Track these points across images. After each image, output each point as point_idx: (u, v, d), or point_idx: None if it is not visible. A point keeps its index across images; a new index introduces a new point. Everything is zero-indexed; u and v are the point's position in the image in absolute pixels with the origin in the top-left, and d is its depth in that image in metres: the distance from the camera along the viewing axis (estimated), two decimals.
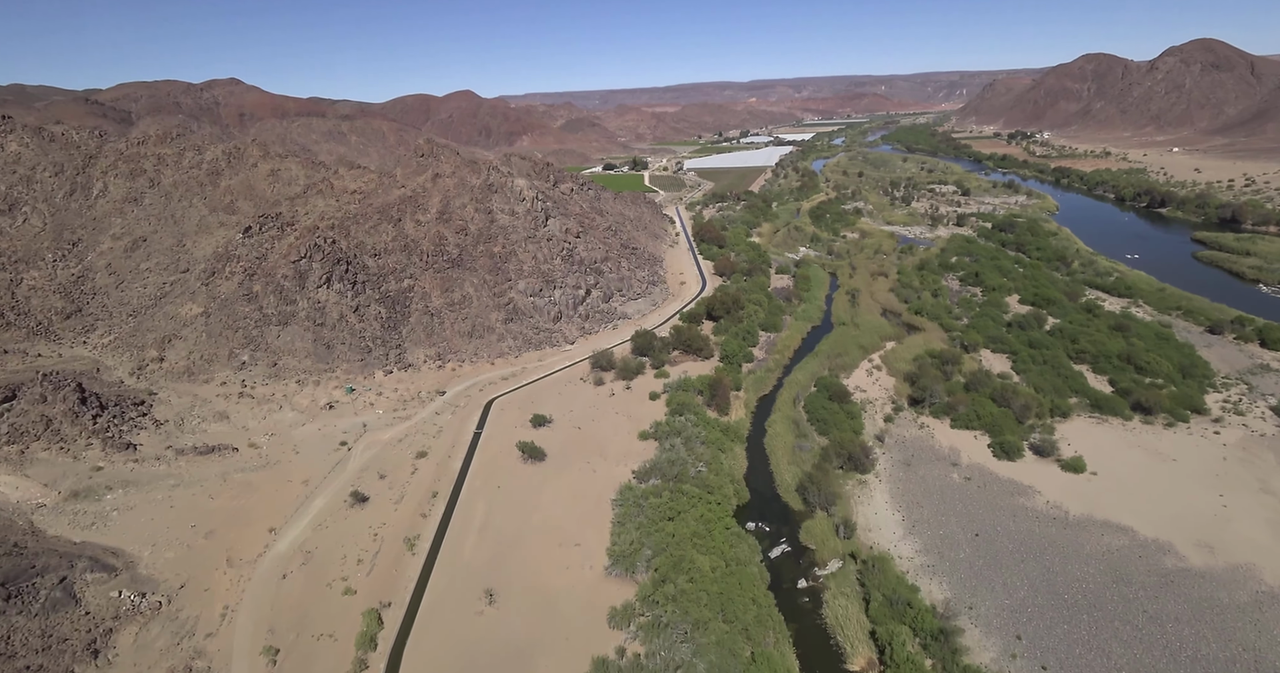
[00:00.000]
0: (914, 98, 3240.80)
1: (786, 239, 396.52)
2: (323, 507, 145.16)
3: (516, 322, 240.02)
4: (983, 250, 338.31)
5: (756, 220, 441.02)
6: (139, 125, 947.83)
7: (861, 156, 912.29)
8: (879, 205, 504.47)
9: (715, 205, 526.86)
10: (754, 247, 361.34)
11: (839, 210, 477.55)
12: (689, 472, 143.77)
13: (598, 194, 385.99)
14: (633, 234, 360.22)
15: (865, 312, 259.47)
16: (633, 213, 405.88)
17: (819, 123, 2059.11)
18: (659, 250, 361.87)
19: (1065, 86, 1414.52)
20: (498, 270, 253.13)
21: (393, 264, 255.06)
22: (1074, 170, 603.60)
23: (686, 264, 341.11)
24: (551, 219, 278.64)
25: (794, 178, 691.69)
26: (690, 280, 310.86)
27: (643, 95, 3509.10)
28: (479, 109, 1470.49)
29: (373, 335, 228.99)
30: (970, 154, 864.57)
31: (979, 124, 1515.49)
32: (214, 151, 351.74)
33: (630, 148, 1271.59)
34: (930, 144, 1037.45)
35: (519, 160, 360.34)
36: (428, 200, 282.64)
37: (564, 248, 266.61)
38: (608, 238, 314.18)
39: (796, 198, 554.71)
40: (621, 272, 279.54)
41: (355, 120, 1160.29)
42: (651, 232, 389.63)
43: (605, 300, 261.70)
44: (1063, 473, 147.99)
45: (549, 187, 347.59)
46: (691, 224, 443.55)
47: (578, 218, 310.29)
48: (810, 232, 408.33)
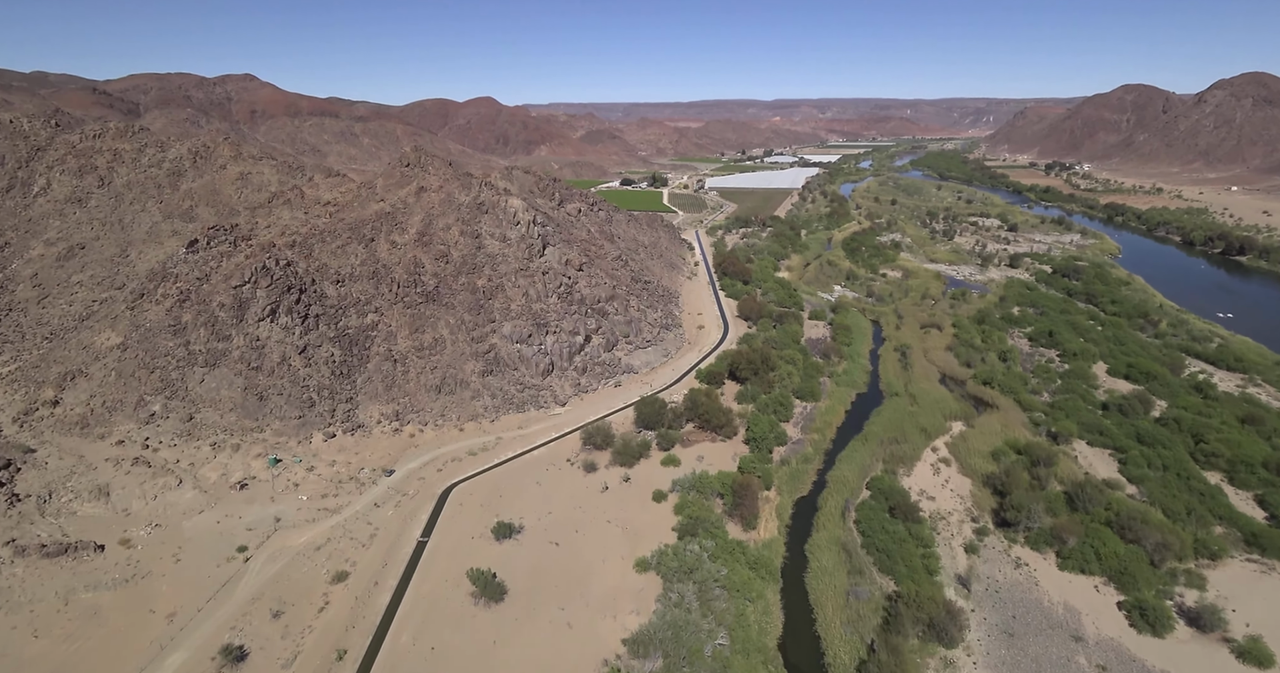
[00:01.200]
0: (940, 123, 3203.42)
1: (819, 275, 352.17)
2: (180, 666, 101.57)
3: (497, 374, 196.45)
4: (1048, 300, 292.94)
5: (784, 251, 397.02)
6: (145, 117, 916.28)
7: (892, 182, 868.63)
8: (918, 239, 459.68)
9: (738, 230, 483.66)
10: (783, 284, 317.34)
11: (875, 243, 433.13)
12: (703, 647, 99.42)
13: (609, 215, 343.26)
14: (646, 264, 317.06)
15: (921, 377, 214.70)
16: (648, 238, 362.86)
17: (844, 144, 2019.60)
18: (675, 283, 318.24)
19: (1103, 117, 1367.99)
20: (480, 308, 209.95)
21: (357, 293, 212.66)
22: (1128, 207, 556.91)
23: (706, 302, 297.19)
24: (550, 247, 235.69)
25: (823, 203, 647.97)
26: (710, 324, 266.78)
27: (666, 109, 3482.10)
28: (498, 116, 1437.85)
29: (319, 384, 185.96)
30: (1008, 185, 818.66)
31: (1011, 153, 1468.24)
32: (178, 149, 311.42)
33: (650, 162, 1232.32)
34: (964, 172, 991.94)
35: (521, 174, 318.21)
36: (407, 218, 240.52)
37: (562, 283, 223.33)
38: (616, 269, 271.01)
39: (827, 226, 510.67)
40: (630, 313, 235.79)
41: (369, 122, 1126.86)
42: (668, 260, 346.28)
43: (608, 349, 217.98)
44: (1241, 667, 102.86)
45: (553, 206, 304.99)
46: (713, 252, 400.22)
47: (582, 245, 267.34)
48: (845, 267, 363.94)
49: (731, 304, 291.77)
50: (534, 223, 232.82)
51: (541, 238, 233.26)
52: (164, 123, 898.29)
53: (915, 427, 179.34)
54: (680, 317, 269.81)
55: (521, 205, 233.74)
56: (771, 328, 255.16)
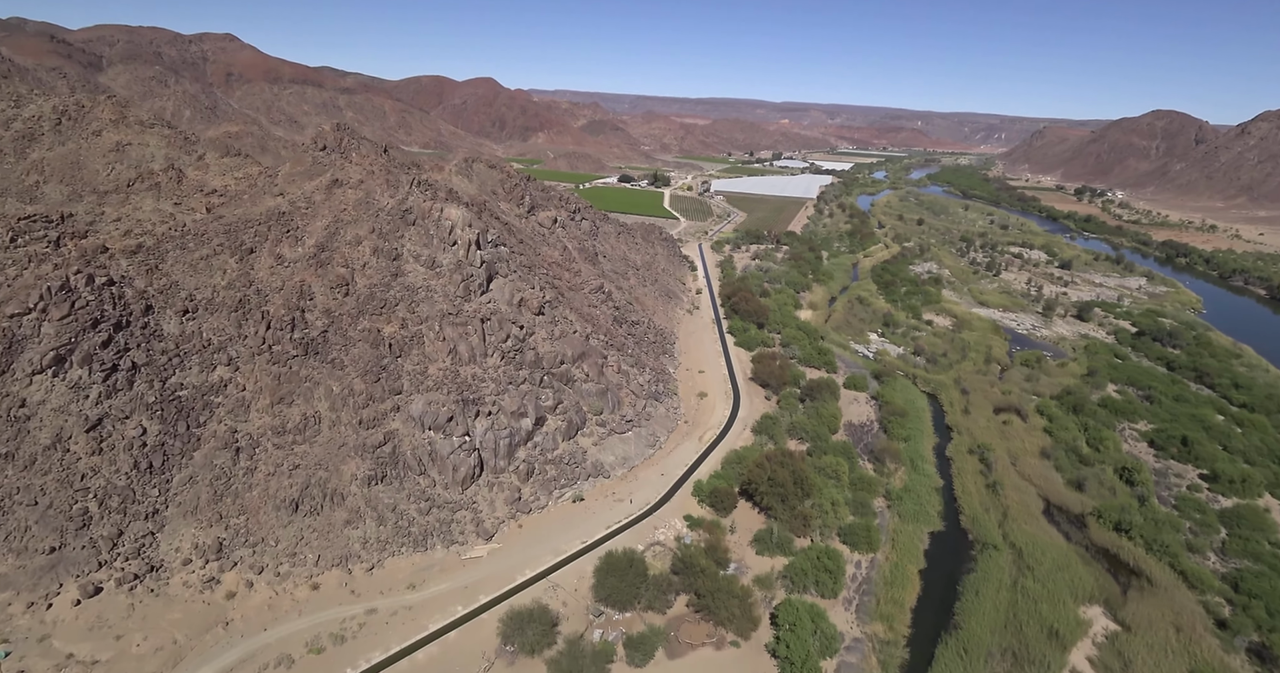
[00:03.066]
0: (951, 137, 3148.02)
1: (849, 318, 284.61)
2: None
3: (391, 482, 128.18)
4: (1150, 378, 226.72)
5: (804, 279, 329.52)
6: (108, 72, 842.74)
7: (914, 198, 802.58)
8: (959, 273, 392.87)
9: (749, 247, 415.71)
10: (807, 330, 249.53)
11: (909, 275, 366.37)
12: None
13: (594, 227, 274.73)
14: (636, 293, 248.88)
15: (1018, 508, 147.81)
16: (642, 256, 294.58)
17: (854, 152, 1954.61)
18: (671, 320, 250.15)
19: (1131, 143, 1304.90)
20: (381, 371, 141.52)
21: (209, 332, 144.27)
22: (1191, 248, 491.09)
23: (710, 352, 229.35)
24: (500, 279, 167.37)
25: (842, 218, 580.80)
26: (715, 389, 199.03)
27: (673, 105, 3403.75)
28: (495, 98, 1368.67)
29: (107, 486, 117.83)
30: (1040, 209, 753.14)
31: (1033, 173, 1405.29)
32: (39, 106, 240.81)
33: (653, 158, 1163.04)
34: (988, 191, 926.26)
35: (484, 169, 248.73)
36: (307, 223, 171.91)
37: (510, 336, 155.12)
38: (594, 306, 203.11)
39: (850, 248, 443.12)
40: (606, 377, 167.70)
41: (355, 95, 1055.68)
42: (664, 286, 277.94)
43: (569, 436, 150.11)
44: None
45: (521, 213, 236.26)
46: (719, 276, 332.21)
47: (550, 272, 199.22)
48: (881, 309, 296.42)
49: (743, 358, 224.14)
50: (477, 244, 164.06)
51: (487, 266, 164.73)
52: (127, 79, 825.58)
53: (1037, 624, 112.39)
54: (675, 376, 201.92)
55: (462, 218, 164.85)
56: (799, 404, 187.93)
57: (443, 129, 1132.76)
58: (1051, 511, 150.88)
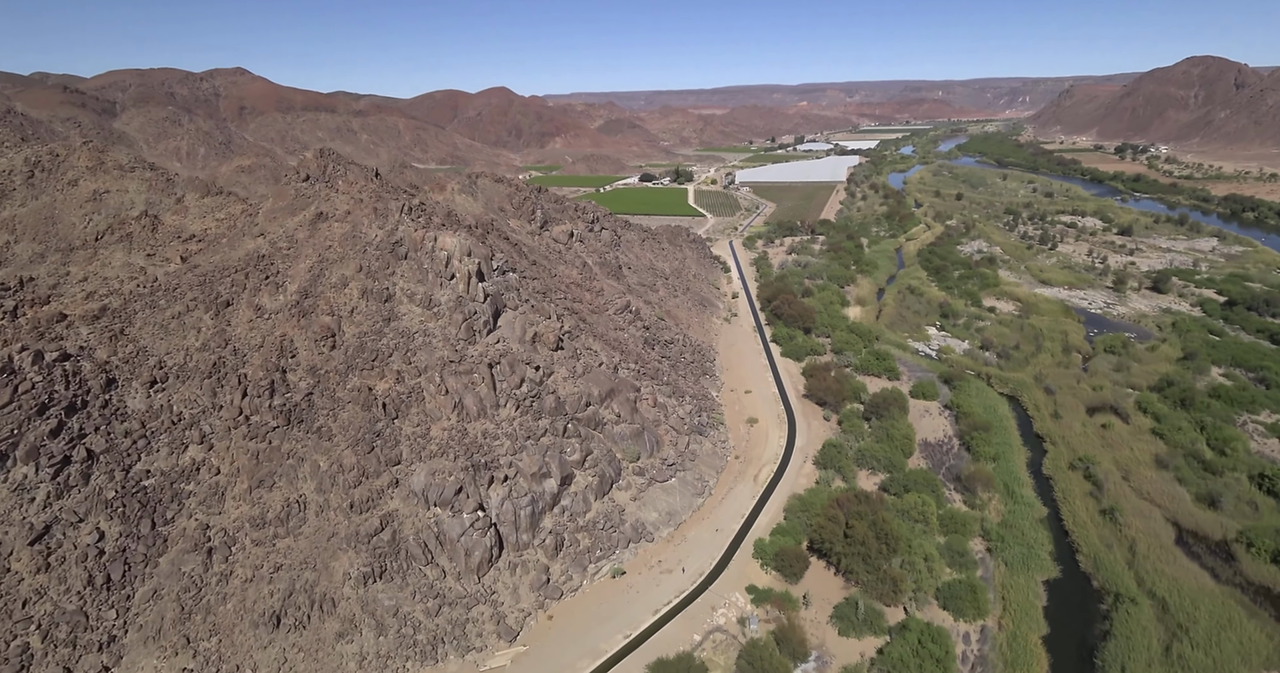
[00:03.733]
0: (974, 104, 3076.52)
1: (902, 311, 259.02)
2: None
3: (390, 579, 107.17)
4: (1259, 356, 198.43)
5: (847, 271, 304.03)
6: (122, 117, 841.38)
7: (947, 171, 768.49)
8: (1012, 249, 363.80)
9: (782, 240, 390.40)
10: (859, 331, 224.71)
11: (959, 257, 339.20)
12: None
13: (616, 237, 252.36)
14: (668, 306, 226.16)
15: (1145, 540, 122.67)
16: (671, 263, 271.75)
17: (877, 129, 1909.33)
18: (708, 334, 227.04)
19: (1168, 94, 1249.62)
20: (375, 438, 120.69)
21: (180, 404, 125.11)
22: (1260, 201, 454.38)
23: (754, 365, 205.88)
24: (509, 312, 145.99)
25: (876, 200, 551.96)
26: (765, 412, 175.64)
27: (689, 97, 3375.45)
28: (510, 107, 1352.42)
29: (54, 612, 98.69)
30: (1082, 172, 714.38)
31: (1066, 134, 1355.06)
32: (12, 158, 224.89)
33: (673, 153, 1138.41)
34: (1023, 157, 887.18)
35: (490, 184, 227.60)
36: (290, 265, 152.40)
37: (524, 380, 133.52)
38: (621, 329, 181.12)
39: (890, 232, 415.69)
40: (640, 415, 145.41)
41: (368, 116, 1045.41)
42: (697, 295, 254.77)
43: (602, 493, 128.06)
44: None
45: (533, 230, 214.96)
46: (755, 276, 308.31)
47: (568, 295, 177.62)
48: (936, 298, 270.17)
49: (792, 370, 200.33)
50: (478, 275, 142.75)
51: (492, 299, 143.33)
52: (141, 122, 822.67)
53: None
54: (719, 400, 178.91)
55: (458, 246, 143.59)
56: (864, 424, 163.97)
57: (458, 143, 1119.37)
58: (1185, 538, 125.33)
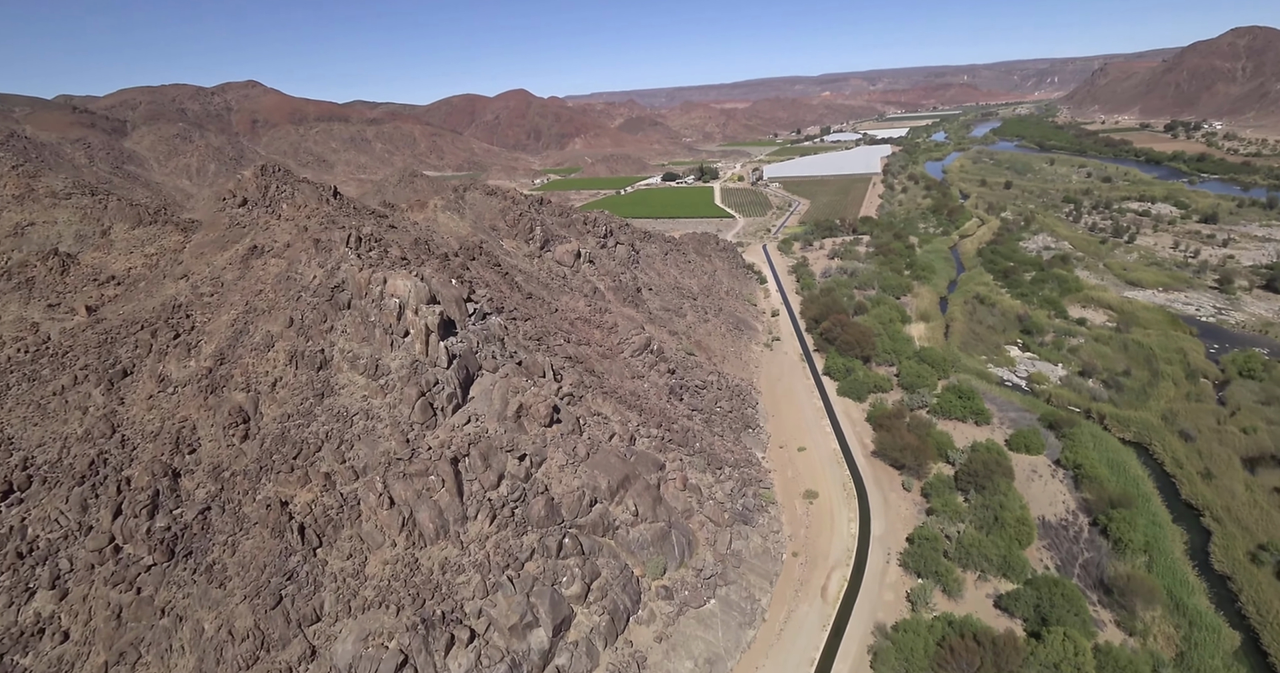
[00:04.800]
0: (1001, 87, 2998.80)
1: (976, 328, 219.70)
2: None
3: None
4: None
5: (901, 279, 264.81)
6: (132, 136, 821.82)
7: (987, 158, 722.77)
8: (1083, 244, 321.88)
9: (821, 243, 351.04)
10: (930, 359, 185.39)
11: (1027, 256, 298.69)
12: None
13: (633, 252, 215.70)
14: (697, 335, 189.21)
15: None
16: (697, 279, 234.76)
17: (904, 116, 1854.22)
18: (746, 365, 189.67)
19: (1213, 66, 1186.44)
20: (286, 582, 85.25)
21: (36, 526, 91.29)
22: None
23: (805, 408, 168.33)
24: (484, 378, 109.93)
25: (917, 192, 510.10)
26: (824, 479, 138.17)
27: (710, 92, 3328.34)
28: (528, 109, 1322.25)
29: None
30: (1136, 153, 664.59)
31: (1105, 113, 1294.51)
32: None
33: (696, 150, 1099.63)
34: (1066, 140, 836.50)
35: (480, 198, 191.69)
36: (210, 318, 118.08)
37: (504, 475, 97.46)
38: (640, 376, 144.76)
39: (940, 227, 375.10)
40: (665, 506, 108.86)
41: (383, 125, 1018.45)
42: (731, 316, 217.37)
43: (613, 635, 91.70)
44: None
45: (531, 252, 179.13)
46: (796, 289, 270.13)
47: (572, 337, 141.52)
48: (1011, 308, 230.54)
49: (853, 414, 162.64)
50: (440, 329, 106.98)
51: (462, 362, 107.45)
52: (152, 140, 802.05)
53: None
54: (766, 463, 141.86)
55: (413, 292, 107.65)
56: (957, 498, 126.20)
57: (476, 148, 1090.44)
58: None
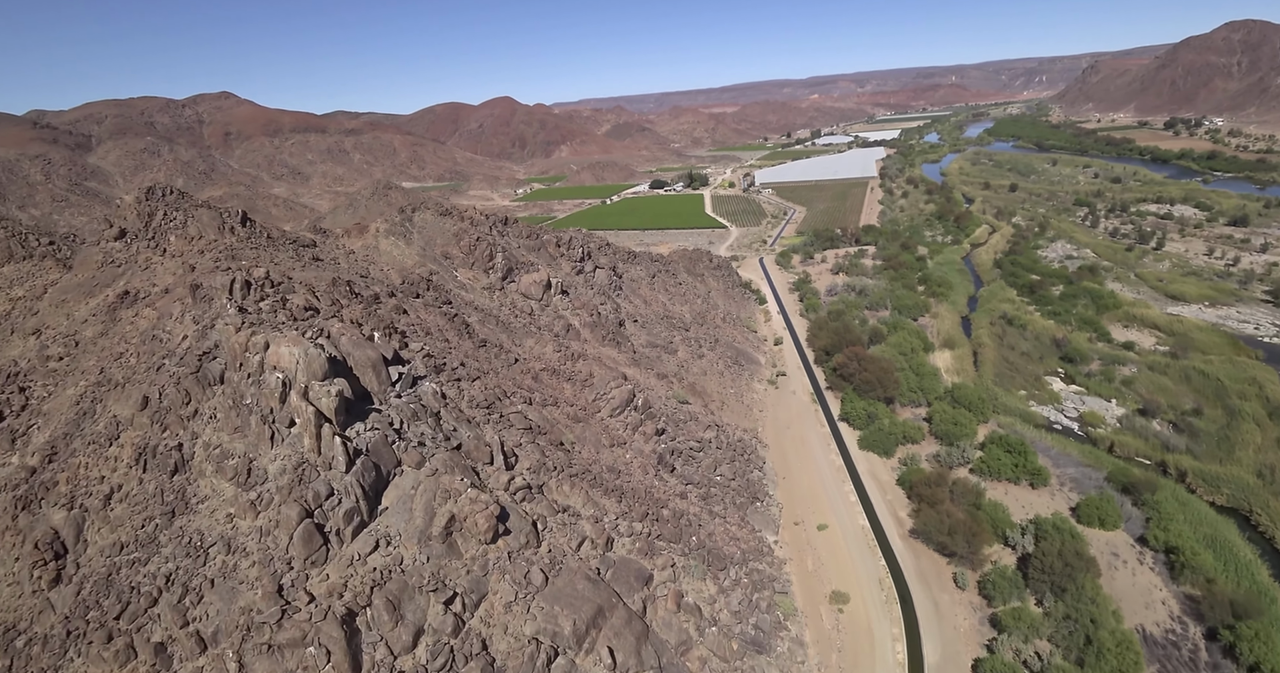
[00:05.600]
0: (989, 87, 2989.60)
1: (1009, 356, 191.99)
2: None
3: None
4: None
5: (916, 297, 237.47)
6: (97, 151, 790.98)
7: (986, 158, 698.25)
8: (1107, 252, 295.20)
9: (823, 256, 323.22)
10: (963, 398, 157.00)
11: (1046, 265, 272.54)
12: None
13: (615, 277, 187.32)
14: (690, 375, 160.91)
15: None
16: (690, 305, 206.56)
17: (895, 118, 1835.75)
18: (748, 410, 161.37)
19: (1209, 62, 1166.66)
20: None
21: None
22: None
23: (821, 469, 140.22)
24: (404, 475, 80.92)
25: (918, 196, 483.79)
26: (853, 573, 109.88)
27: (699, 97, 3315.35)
28: (513, 117, 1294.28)
29: None
30: (1140, 151, 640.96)
31: (1100, 112, 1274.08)
32: None
33: (685, 155, 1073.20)
34: (1064, 139, 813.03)
35: (432, 219, 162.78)
36: (52, 393, 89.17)
37: (425, 630, 68.79)
38: (621, 443, 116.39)
39: (948, 235, 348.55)
40: (653, 642, 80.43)
41: (361, 135, 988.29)
42: (728, 347, 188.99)
43: None
44: None
45: (491, 284, 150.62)
46: (800, 310, 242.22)
47: (534, 397, 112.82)
48: (1046, 331, 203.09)
49: (880, 474, 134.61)
50: (337, 415, 78.20)
51: (372, 458, 78.54)
52: (118, 155, 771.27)
53: None
54: (779, 552, 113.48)
55: (302, 363, 78.94)
56: (1027, 600, 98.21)
57: (458, 157, 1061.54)
58: None
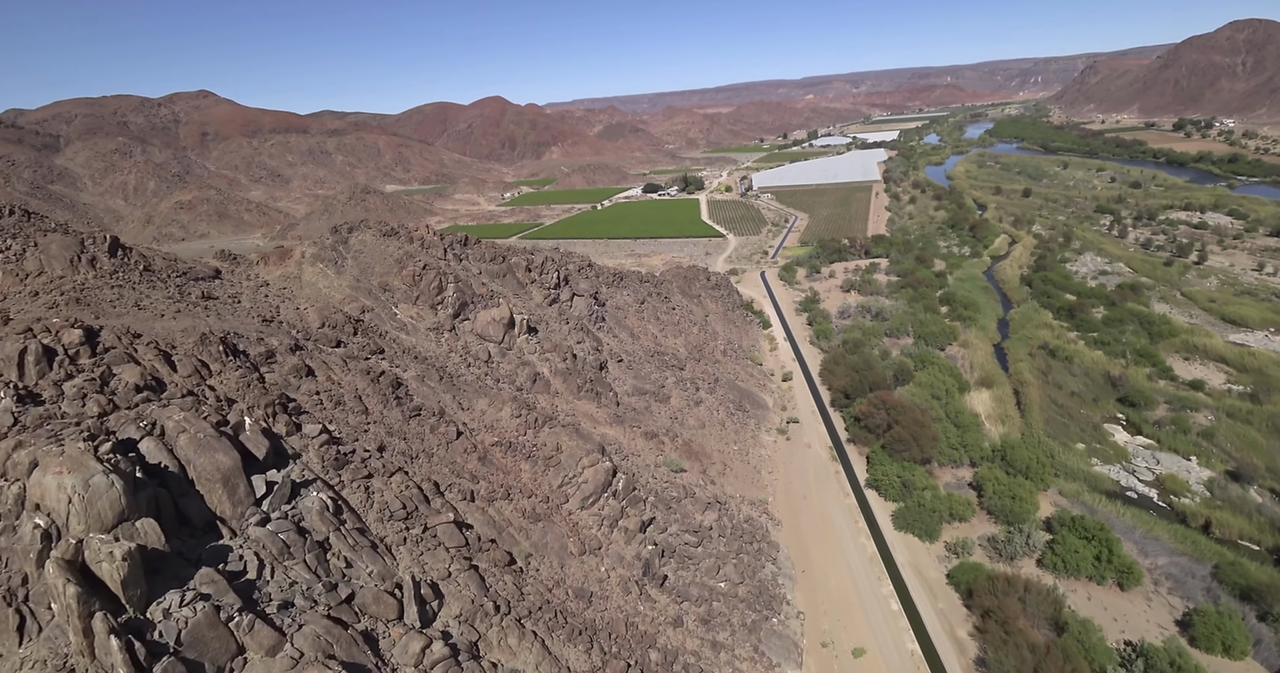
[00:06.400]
0: (985, 88, 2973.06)
1: (1054, 395, 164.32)
2: None
3: None
4: None
5: (940, 324, 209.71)
6: (66, 151, 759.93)
7: (992, 160, 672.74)
8: (1143, 266, 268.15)
9: (831, 270, 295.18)
10: (1014, 459, 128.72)
11: (1082, 283, 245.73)
12: None
13: (597, 306, 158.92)
14: (688, 431, 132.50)
15: None
16: (686, 338, 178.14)
17: (892, 118, 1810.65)
18: (757, 478, 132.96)
19: (1213, 62, 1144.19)
20: None
21: None
22: None
23: (848, 552, 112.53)
24: (277, 654, 52.44)
25: (927, 202, 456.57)
26: None
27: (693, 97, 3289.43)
28: (503, 117, 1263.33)
29: None
30: (1153, 154, 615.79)
31: (1103, 112, 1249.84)
32: None
33: (679, 157, 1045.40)
34: (1071, 141, 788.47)
35: (373, 240, 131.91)
36: None
37: None
38: (593, 551, 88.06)
39: (964, 245, 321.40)
40: None
41: (345, 136, 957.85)
42: (731, 390, 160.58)
43: None
44: None
45: (440, 322, 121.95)
46: (810, 337, 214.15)
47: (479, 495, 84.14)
48: (1097, 365, 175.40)
49: (926, 569, 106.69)
50: (115, 593, 49.29)
51: (193, 652, 49.88)
52: (87, 156, 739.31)
53: None
54: None
55: (81, 498, 50.57)
56: None
57: (445, 159, 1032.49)
58: None
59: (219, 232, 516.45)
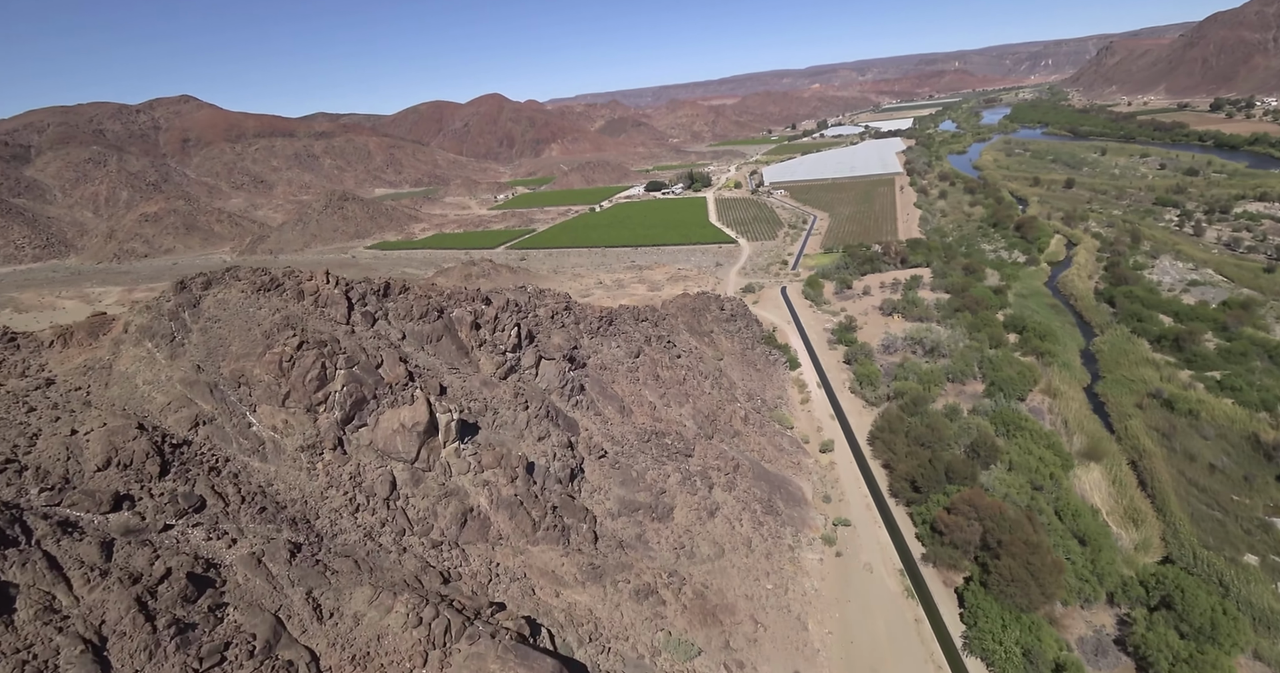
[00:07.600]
0: (994, 72, 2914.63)
1: (1189, 474, 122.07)
2: None
3: None
4: None
5: (1015, 363, 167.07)
6: (36, 162, 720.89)
7: (1020, 148, 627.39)
8: (1237, 273, 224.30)
9: (864, 285, 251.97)
10: (1177, 607, 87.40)
11: (1171, 298, 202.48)
12: None
13: (573, 372, 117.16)
14: (704, 578, 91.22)
15: None
16: (696, 403, 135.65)
17: (903, 106, 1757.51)
18: (799, 633, 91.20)
19: (1243, 38, 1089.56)
20: None
21: None
22: None
23: None
24: None
25: (959, 196, 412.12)
26: None
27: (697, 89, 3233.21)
28: (500, 114, 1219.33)
29: None
30: (1199, 137, 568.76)
31: (1126, 94, 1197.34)
32: None
33: (684, 151, 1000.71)
34: (1103, 125, 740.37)
35: (240, 300, 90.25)
36: None
37: None
38: None
39: (1013, 248, 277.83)
40: None
41: (334, 138, 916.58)
42: (760, 481, 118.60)
43: None
44: None
45: (317, 434, 79.67)
46: (849, 381, 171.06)
47: None
48: (1236, 425, 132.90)
49: None
50: None
51: None
52: (58, 167, 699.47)
53: None
54: None
55: None
56: None
57: (440, 159, 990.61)
58: None
59: (185, 246, 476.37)
